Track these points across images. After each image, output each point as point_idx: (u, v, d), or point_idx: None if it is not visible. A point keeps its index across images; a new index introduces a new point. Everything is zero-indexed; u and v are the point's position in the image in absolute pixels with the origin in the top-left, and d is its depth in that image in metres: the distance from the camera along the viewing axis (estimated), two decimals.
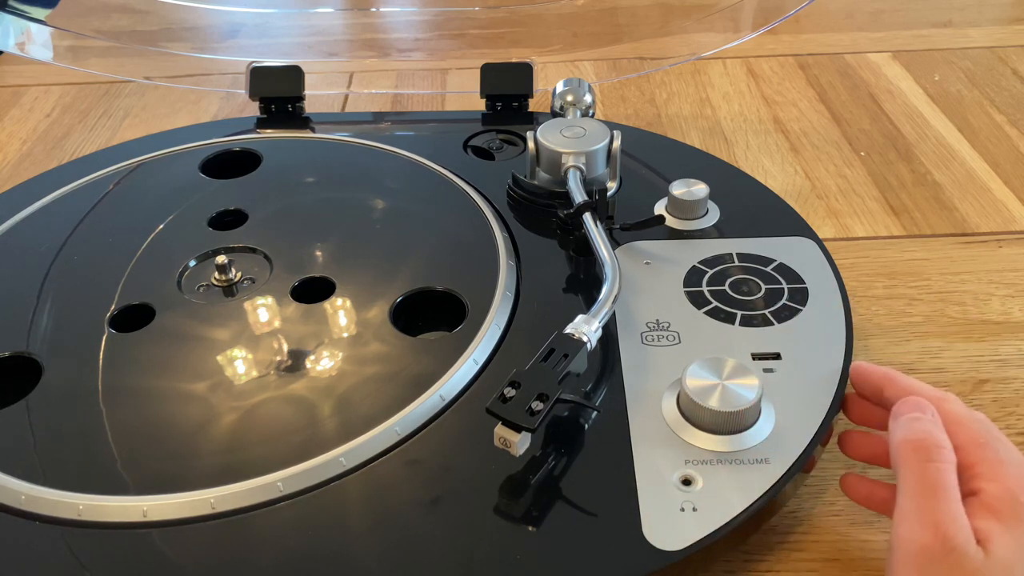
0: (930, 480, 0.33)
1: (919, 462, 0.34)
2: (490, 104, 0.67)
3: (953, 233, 0.60)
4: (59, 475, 0.38)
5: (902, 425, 0.36)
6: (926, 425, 0.35)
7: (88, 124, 0.78)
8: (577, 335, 0.40)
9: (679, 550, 0.35)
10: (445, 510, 0.37)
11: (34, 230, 0.54)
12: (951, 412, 0.36)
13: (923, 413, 0.36)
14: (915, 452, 0.34)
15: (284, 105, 0.67)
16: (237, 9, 0.79)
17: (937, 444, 0.34)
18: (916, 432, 0.35)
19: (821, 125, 0.74)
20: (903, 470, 0.34)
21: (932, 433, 0.35)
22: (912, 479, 0.34)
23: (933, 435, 0.35)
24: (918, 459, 0.34)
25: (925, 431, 0.35)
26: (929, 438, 0.35)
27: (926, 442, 0.34)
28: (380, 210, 0.55)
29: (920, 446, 0.34)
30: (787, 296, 0.47)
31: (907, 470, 0.34)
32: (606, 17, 0.78)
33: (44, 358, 0.44)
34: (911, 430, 0.35)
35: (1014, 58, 0.83)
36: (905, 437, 0.35)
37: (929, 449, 0.34)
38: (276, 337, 0.45)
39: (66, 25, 0.70)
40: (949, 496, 0.33)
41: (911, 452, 0.34)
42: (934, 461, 0.34)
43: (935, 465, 0.34)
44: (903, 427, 0.36)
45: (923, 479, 0.33)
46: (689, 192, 0.52)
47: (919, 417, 0.36)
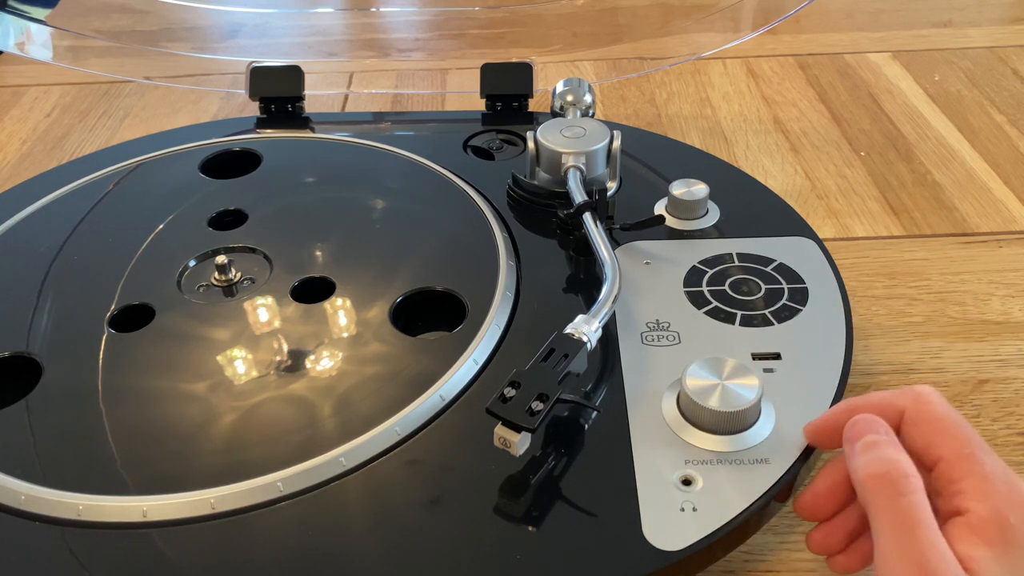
0: (904, 516, 0.31)
1: (889, 498, 0.32)
2: (490, 104, 0.67)
3: (953, 233, 0.60)
4: (59, 475, 0.38)
5: (860, 454, 0.34)
6: (886, 452, 0.33)
7: (88, 124, 0.78)
8: (577, 335, 0.40)
9: (679, 550, 0.35)
10: (445, 510, 0.37)
11: (34, 230, 0.54)
12: (932, 415, 0.34)
13: (877, 433, 0.34)
14: (882, 487, 0.32)
15: (284, 105, 0.67)
16: (237, 9, 0.79)
17: (903, 474, 0.32)
18: (878, 463, 0.33)
19: (821, 125, 0.74)
20: (873, 508, 0.32)
21: (895, 461, 0.33)
22: (885, 517, 0.32)
23: (896, 464, 0.32)
24: (887, 494, 0.32)
25: (887, 460, 0.33)
26: (893, 468, 0.32)
27: (891, 474, 0.32)
28: (380, 210, 0.55)
29: (886, 479, 0.32)
30: (787, 296, 0.47)
31: (878, 508, 0.32)
32: (606, 17, 0.78)
33: (44, 358, 0.44)
34: (872, 461, 0.33)
35: (1014, 58, 0.83)
36: (868, 471, 0.33)
37: (896, 482, 0.32)
38: (276, 337, 0.45)
39: (66, 25, 0.70)
40: (928, 529, 0.31)
41: (878, 487, 0.32)
42: (904, 495, 0.32)
43: (906, 499, 0.31)
44: (862, 457, 0.33)
45: (896, 516, 0.31)
46: (689, 192, 0.52)
47: (875, 442, 0.33)
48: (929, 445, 0.34)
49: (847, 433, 0.35)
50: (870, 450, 0.33)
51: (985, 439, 0.44)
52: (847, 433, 0.35)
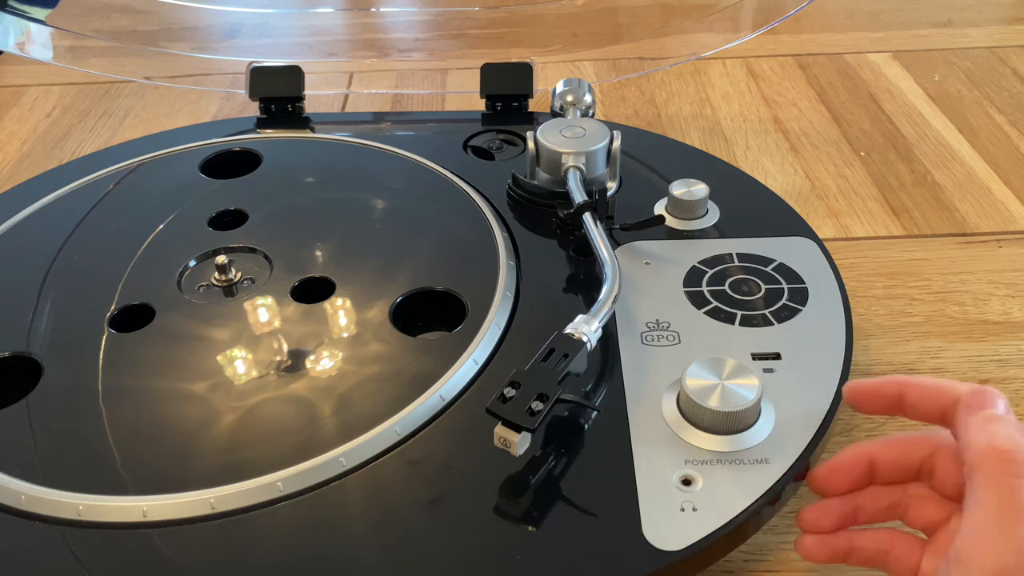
0: (1017, 498, 0.31)
1: (1006, 476, 0.31)
2: (490, 104, 0.67)
3: (953, 233, 0.60)
4: (59, 475, 0.38)
5: (983, 425, 0.33)
6: (1009, 430, 0.32)
7: (88, 124, 0.78)
8: (577, 335, 0.40)
9: (679, 550, 0.35)
10: (445, 510, 0.37)
11: (34, 230, 0.54)
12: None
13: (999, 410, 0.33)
14: (1001, 464, 0.31)
15: (284, 105, 0.67)
16: (237, 9, 0.79)
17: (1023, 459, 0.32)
18: (1002, 440, 0.32)
19: (821, 125, 0.74)
20: (983, 481, 0.32)
21: (1017, 441, 0.32)
22: (995, 494, 0.31)
23: (1019, 445, 0.32)
24: (1005, 473, 0.31)
25: (1010, 438, 0.32)
26: (1017, 449, 0.32)
27: (1014, 455, 0.31)
28: (380, 210, 0.55)
29: (1008, 458, 0.31)
30: (787, 296, 0.47)
31: (990, 483, 0.31)
32: (606, 17, 0.78)
33: (44, 358, 0.44)
34: (997, 435, 0.32)
35: (1014, 58, 0.83)
36: (992, 444, 0.32)
37: (1018, 463, 0.31)
38: (276, 337, 0.45)
39: (66, 25, 0.70)
40: None
41: (997, 463, 0.32)
42: (1020, 477, 0.31)
43: (1021, 481, 0.31)
44: (986, 428, 0.33)
45: (1009, 496, 0.31)
46: (689, 192, 0.52)
47: (1000, 417, 0.33)
48: None
49: (969, 399, 0.34)
50: (995, 423, 0.33)
51: None
52: (969, 399, 0.34)
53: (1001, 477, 0.31)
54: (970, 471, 0.33)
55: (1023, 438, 0.32)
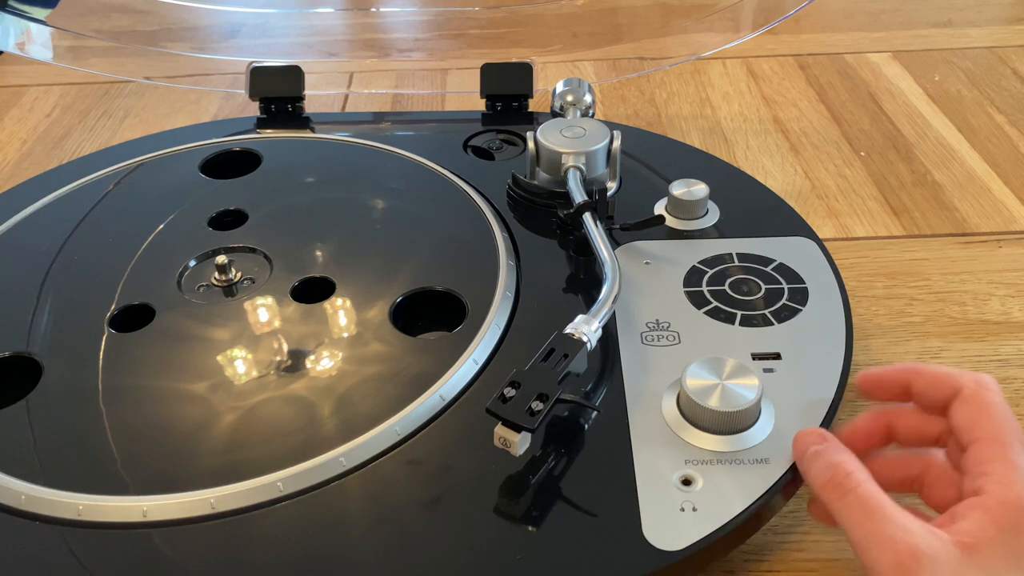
0: (858, 507, 0.33)
1: (840, 498, 0.34)
2: (490, 104, 0.67)
3: (953, 233, 0.60)
4: (59, 475, 0.38)
5: (810, 466, 0.36)
6: (829, 458, 0.35)
7: (88, 124, 0.78)
8: (577, 335, 0.40)
9: (679, 550, 0.35)
10: (445, 510, 0.37)
11: (34, 230, 0.54)
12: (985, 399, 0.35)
13: (819, 442, 0.36)
14: (832, 491, 0.34)
15: (284, 105, 0.67)
16: (237, 9, 0.79)
17: (845, 473, 0.34)
18: (824, 471, 0.35)
19: (821, 125, 0.74)
20: (833, 511, 0.34)
21: (836, 464, 0.35)
22: (844, 514, 0.33)
23: (839, 466, 0.35)
24: (838, 495, 0.34)
25: (830, 465, 0.35)
26: (836, 471, 0.34)
27: (836, 478, 0.34)
28: (380, 210, 0.55)
29: (831, 484, 0.34)
30: (787, 296, 0.47)
31: (836, 510, 0.34)
32: (606, 17, 0.78)
33: (44, 358, 0.44)
34: (821, 470, 0.35)
35: (1014, 58, 0.83)
36: (819, 481, 0.35)
37: (841, 483, 0.34)
38: (276, 337, 0.45)
39: (66, 25, 0.70)
40: (885, 509, 0.33)
41: (829, 493, 0.34)
42: (851, 490, 0.34)
43: (854, 493, 0.33)
44: (812, 469, 0.36)
45: (852, 509, 0.33)
46: (689, 192, 0.52)
47: (819, 451, 0.36)
48: (973, 425, 0.35)
49: (795, 448, 0.37)
50: (817, 460, 0.36)
51: None
52: (795, 448, 0.37)
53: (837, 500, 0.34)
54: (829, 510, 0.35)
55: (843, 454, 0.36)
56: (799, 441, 0.37)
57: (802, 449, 0.37)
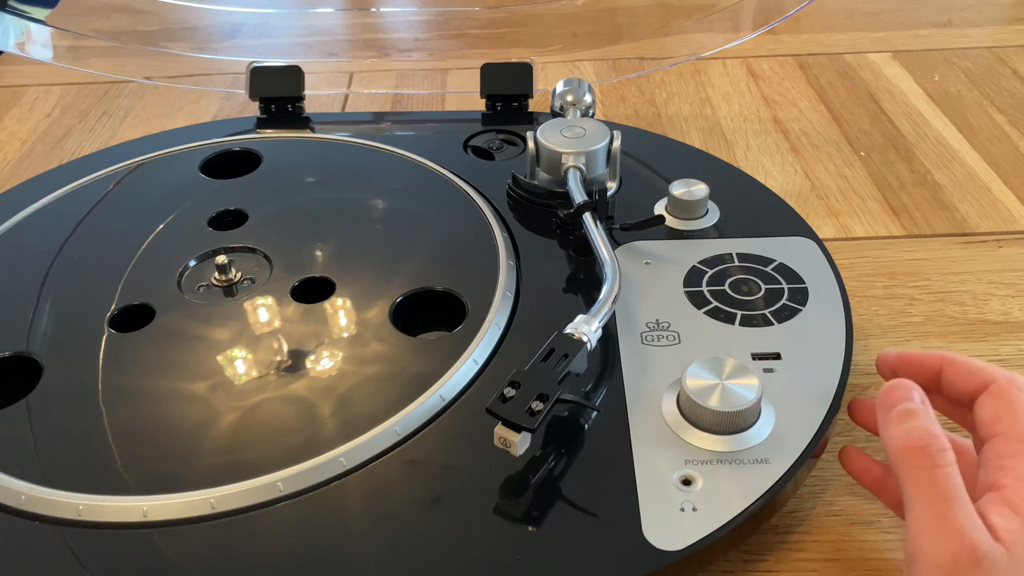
0: (941, 487, 0.32)
1: (926, 469, 0.32)
2: (490, 104, 0.67)
3: (953, 233, 0.60)
4: (59, 475, 0.38)
5: (896, 423, 0.34)
6: (922, 423, 0.34)
7: (88, 124, 0.78)
8: (577, 335, 0.40)
9: (679, 550, 0.35)
10: (445, 510, 0.37)
11: (34, 230, 0.54)
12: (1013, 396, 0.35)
13: (912, 401, 0.35)
14: (919, 459, 0.33)
15: (284, 105, 0.67)
16: (237, 9, 0.79)
17: (940, 447, 0.33)
18: (914, 435, 0.33)
19: (821, 125, 0.74)
20: (908, 478, 0.33)
21: (931, 433, 0.33)
22: (922, 488, 0.32)
23: (933, 436, 0.33)
24: (924, 466, 0.33)
25: (924, 432, 0.33)
26: (931, 442, 0.33)
27: (929, 448, 0.33)
28: (380, 210, 0.55)
29: (923, 452, 0.33)
30: (787, 296, 0.47)
31: (913, 478, 0.33)
32: (606, 17, 0.78)
33: (44, 358, 0.44)
34: (910, 432, 0.34)
35: (1014, 58, 0.83)
36: (905, 443, 0.34)
37: (933, 455, 0.33)
38: (276, 337, 0.45)
39: (66, 25, 0.70)
40: (964, 500, 0.32)
41: (914, 459, 0.33)
42: (941, 466, 0.32)
43: (943, 471, 0.32)
44: (898, 427, 0.34)
45: (934, 487, 0.32)
46: (689, 192, 0.52)
47: (912, 411, 0.34)
48: (996, 419, 0.35)
49: (882, 396, 0.35)
50: (907, 419, 0.34)
51: None
52: (882, 396, 0.35)
53: (921, 471, 0.33)
54: (895, 469, 0.34)
55: (936, 427, 0.34)
56: (891, 392, 0.35)
57: (892, 402, 0.35)
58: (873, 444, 0.45)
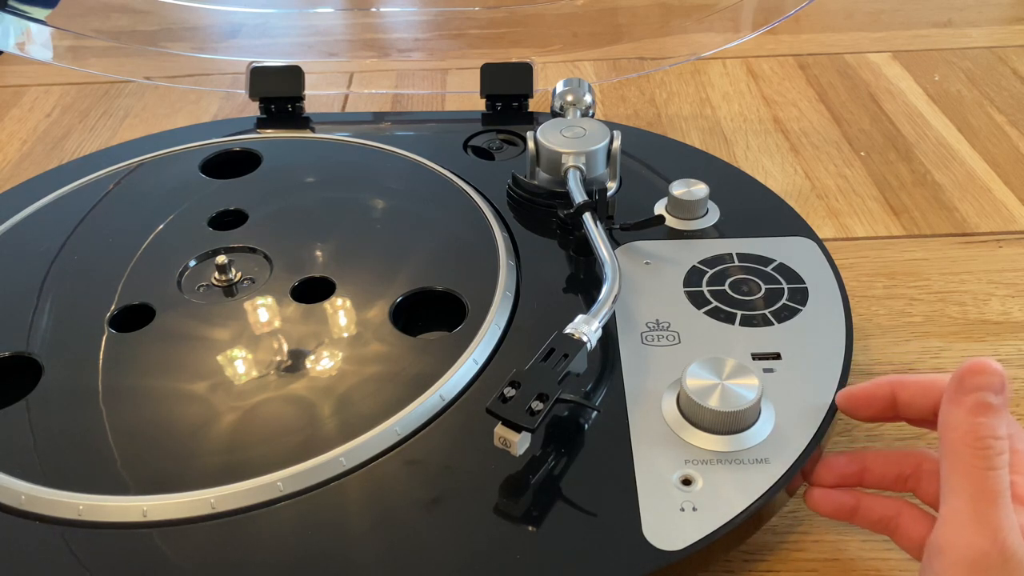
0: (991, 486, 0.31)
1: (982, 467, 0.32)
2: (490, 104, 0.67)
3: (953, 233, 0.60)
4: (59, 475, 0.38)
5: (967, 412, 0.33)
6: (994, 422, 0.33)
7: (88, 124, 0.78)
8: (577, 335, 0.40)
9: (679, 550, 0.35)
10: (445, 510, 0.37)
11: (34, 230, 0.54)
12: None
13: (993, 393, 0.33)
14: (978, 458, 0.32)
15: (284, 105, 0.67)
16: (237, 9, 0.79)
17: (1000, 451, 0.32)
18: (982, 433, 0.32)
19: (821, 125, 0.74)
20: (959, 470, 0.32)
21: (998, 435, 0.32)
22: (971, 482, 0.32)
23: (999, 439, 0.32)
24: (982, 463, 0.32)
25: (992, 432, 0.32)
26: (995, 445, 0.32)
27: (992, 450, 0.32)
28: (380, 210, 0.55)
29: (985, 453, 0.32)
30: (787, 296, 0.47)
31: (965, 473, 0.32)
32: (606, 17, 0.78)
33: (44, 358, 0.44)
34: (976, 428, 0.32)
35: (1014, 58, 0.83)
36: (969, 437, 0.32)
37: (992, 458, 0.32)
38: (276, 337, 0.45)
39: (66, 25, 0.70)
40: (1007, 502, 0.31)
41: (973, 455, 0.32)
42: (996, 468, 0.32)
43: (996, 472, 0.32)
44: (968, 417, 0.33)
45: (984, 484, 0.32)
46: (689, 192, 0.52)
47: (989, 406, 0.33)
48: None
49: (964, 376, 0.33)
50: (981, 413, 0.33)
51: None
52: (964, 376, 0.33)
53: (977, 467, 0.32)
54: (946, 452, 0.33)
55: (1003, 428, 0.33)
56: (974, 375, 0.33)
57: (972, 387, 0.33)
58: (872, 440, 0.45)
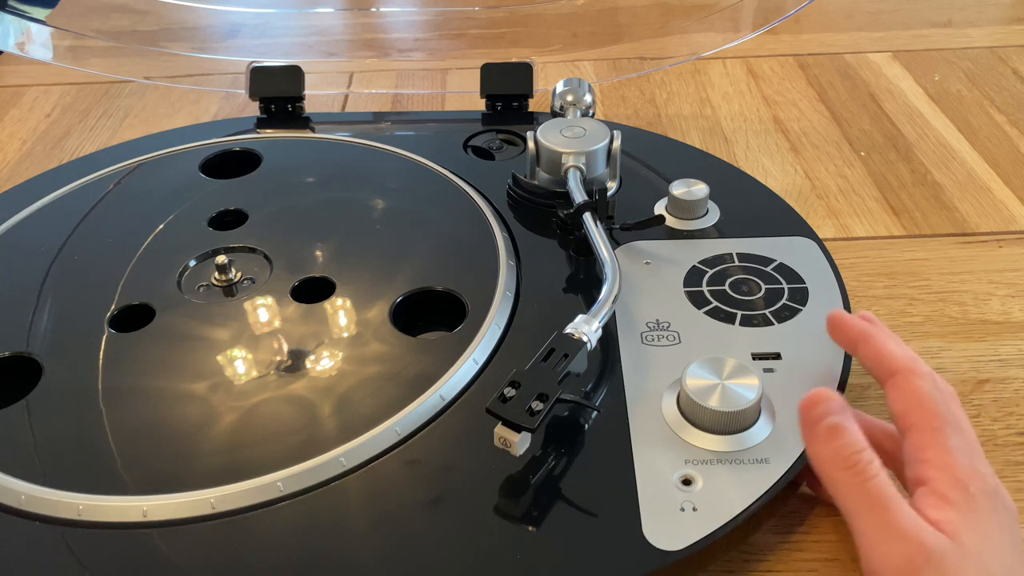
0: (876, 496, 0.33)
1: (859, 482, 0.33)
2: (490, 104, 0.67)
3: (953, 233, 0.60)
4: (59, 475, 0.38)
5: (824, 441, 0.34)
6: (848, 440, 0.34)
7: (88, 124, 0.78)
8: (577, 335, 0.40)
9: (679, 550, 0.35)
10: (445, 510, 0.37)
11: (34, 230, 0.54)
12: (916, 387, 0.35)
13: (837, 415, 0.35)
14: (851, 476, 0.33)
15: (284, 105, 0.67)
16: (237, 9, 0.79)
17: (868, 460, 0.33)
18: (843, 455, 0.34)
19: (821, 125, 0.73)
20: (843, 494, 0.34)
21: (858, 448, 0.34)
22: (860, 500, 0.33)
23: (860, 450, 0.34)
24: (858, 479, 0.33)
25: (851, 449, 0.34)
26: (860, 458, 0.34)
27: (859, 463, 0.33)
28: (380, 210, 0.55)
29: (855, 469, 0.33)
30: (787, 296, 0.47)
31: (850, 493, 0.33)
32: (606, 17, 0.78)
33: (44, 358, 0.44)
34: (839, 451, 0.34)
35: (1014, 58, 0.83)
36: (835, 463, 0.34)
37: (863, 470, 0.33)
38: (276, 337, 0.45)
39: (66, 25, 0.70)
40: (900, 501, 0.32)
41: (846, 477, 0.33)
42: (872, 477, 0.33)
43: (874, 481, 0.33)
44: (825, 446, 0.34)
45: (870, 496, 0.33)
46: (689, 192, 0.52)
47: (837, 427, 0.34)
48: (905, 413, 0.35)
49: (805, 413, 0.36)
50: (834, 438, 0.34)
51: (985, 439, 0.45)
52: (805, 413, 0.36)
53: (854, 485, 0.33)
54: (829, 487, 0.34)
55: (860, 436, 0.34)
56: (813, 408, 0.35)
57: (816, 418, 0.35)
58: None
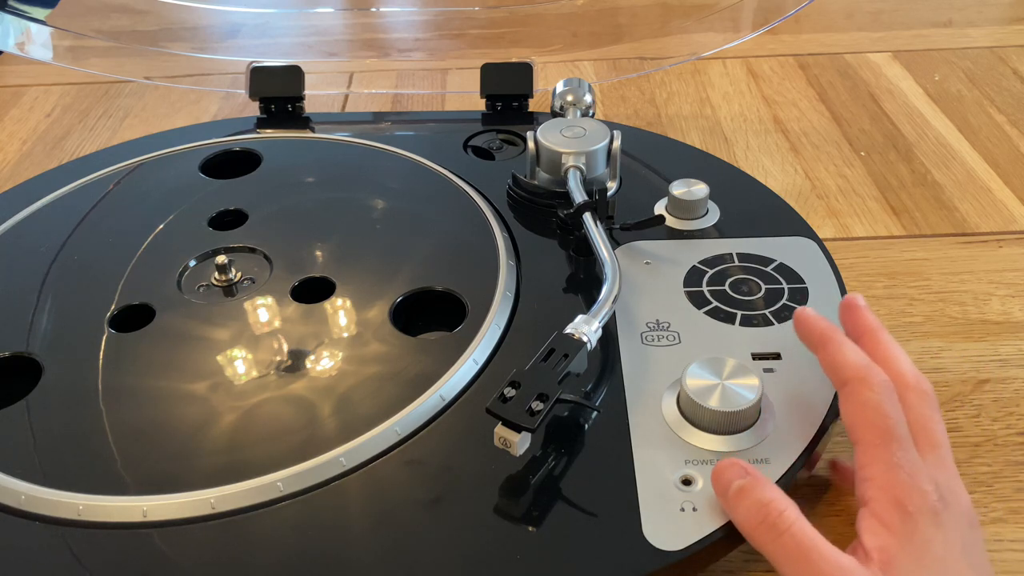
0: (793, 548, 0.33)
1: (775, 539, 0.33)
2: (490, 104, 0.67)
3: (953, 233, 0.60)
4: (59, 475, 0.38)
5: (735, 503, 0.35)
6: (755, 496, 0.34)
7: (88, 124, 0.78)
8: (577, 335, 0.40)
9: (679, 550, 0.35)
10: (445, 510, 0.37)
11: (34, 230, 0.54)
12: (864, 401, 0.35)
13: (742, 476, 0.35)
14: (766, 532, 0.33)
15: (284, 105, 0.67)
16: (237, 9, 0.79)
17: (778, 511, 0.33)
18: (753, 512, 0.34)
19: (821, 125, 0.74)
20: (766, 551, 0.34)
21: (768, 503, 0.34)
22: (780, 555, 0.33)
23: (770, 504, 0.34)
24: (771, 537, 0.33)
25: (761, 505, 0.34)
26: (768, 512, 0.34)
27: (769, 517, 0.33)
28: (380, 210, 0.55)
29: (764, 524, 0.33)
30: (787, 296, 0.47)
31: (770, 551, 0.33)
32: (606, 17, 0.78)
33: (44, 358, 0.44)
34: (749, 510, 0.34)
35: (1014, 58, 0.83)
36: (746, 523, 0.34)
37: (775, 523, 0.33)
38: (276, 337, 0.45)
39: (66, 25, 0.70)
40: (818, 550, 0.32)
41: (763, 534, 0.33)
42: (785, 530, 0.33)
43: (789, 533, 0.33)
44: (738, 507, 0.34)
45: (788, 550, 0.33)
46: (689, 192, 0.52)
47: (742, 488, 0.35)
48: (852, 427, 0.36)
49: (715, 483, 0.36)
50: (743, 497, 0.35)
51: (985, 439, 0.45)
52: (715, 483, 0.36)
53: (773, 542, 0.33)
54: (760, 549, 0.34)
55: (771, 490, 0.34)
56: (720, 475, 0.36)
57: (725, 484, 0.35)
58: None
